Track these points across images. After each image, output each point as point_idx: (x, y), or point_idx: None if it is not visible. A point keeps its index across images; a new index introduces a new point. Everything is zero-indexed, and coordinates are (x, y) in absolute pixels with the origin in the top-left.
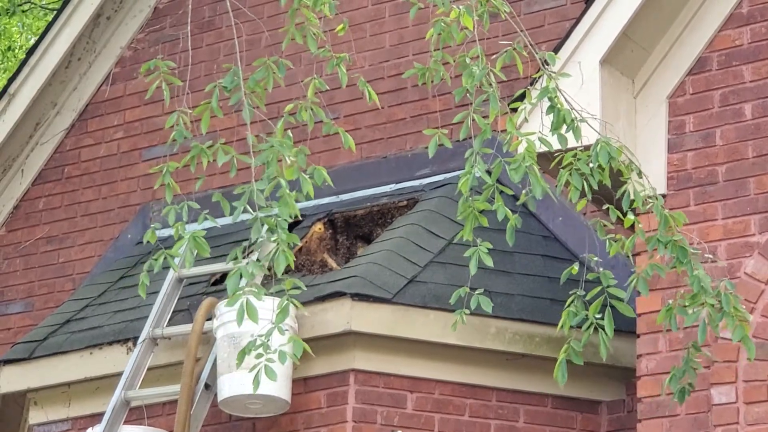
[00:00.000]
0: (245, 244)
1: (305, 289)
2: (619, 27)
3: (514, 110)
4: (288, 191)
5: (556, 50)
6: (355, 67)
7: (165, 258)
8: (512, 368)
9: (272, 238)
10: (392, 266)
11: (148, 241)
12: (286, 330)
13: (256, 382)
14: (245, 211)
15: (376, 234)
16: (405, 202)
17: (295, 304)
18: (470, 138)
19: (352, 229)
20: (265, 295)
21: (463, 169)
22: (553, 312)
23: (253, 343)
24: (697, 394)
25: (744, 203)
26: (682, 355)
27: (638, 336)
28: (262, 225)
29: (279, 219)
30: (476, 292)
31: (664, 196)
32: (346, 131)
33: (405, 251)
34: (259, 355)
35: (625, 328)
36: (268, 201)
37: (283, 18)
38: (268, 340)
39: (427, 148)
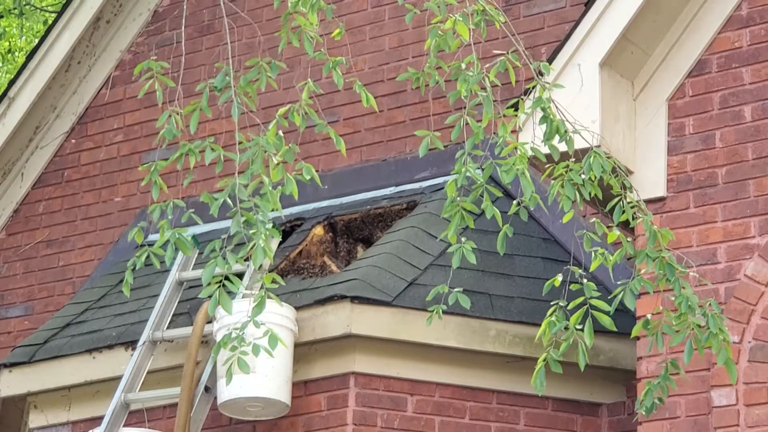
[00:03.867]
0: (224, 236)
1: (283, 283)
2: (619, 29)
3: (511, 114)
4: (271, 189)
5: (556, 53)
6: (354, 69)
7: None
8: (512, 371)
9: (251, 232)
10: (392, 269)
11: (148, 245)
12: (262, 324)
13: (229, 374)
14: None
15: (376, 237)
16: (405, 205)
17: (273, 298)
18: (463, 142)
19: (352, 232)
20: (237, 290)
21: None
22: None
23: (228, 336)
24: (698, 396)
25: (744, 205)
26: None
27: (638, 338)
28: (243, 220)
29: (259, 213)
30: (455, 289)
31: (663, 198)
32: (346, 134)
33: (405, 254)
34: (233, 348)
35: (626, 330)
36: (250, 197)
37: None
38: (242, 333)
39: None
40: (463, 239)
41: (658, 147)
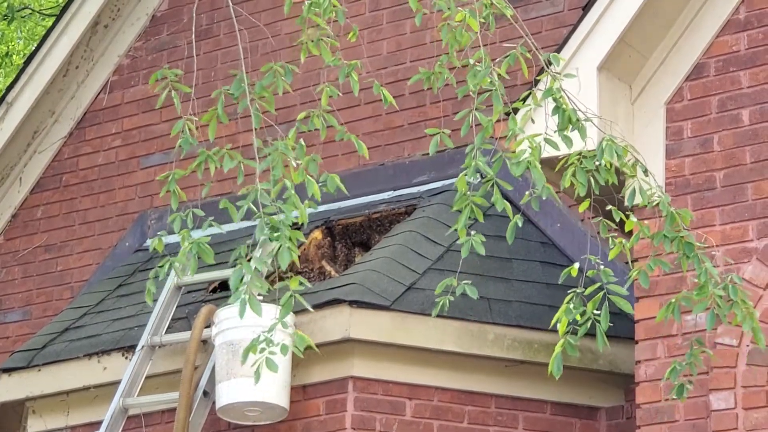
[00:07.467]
0: (249, 242)
1: (309, 285)
2: (617, 33)
3: (516, 110)
4: (294, 192)
5: None
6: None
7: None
8: (511, 375)
9: (275, 235)
10: (391, 273)
11: (146, 249)
12: (289, 326)
13: (257, 374)
14: (249, 213)
15: (375, 241)
16: (403, 209)
17: (300, 301)
18: (472, 142)
19: (351, 237)
20: (268, 291)
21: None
22: (552, 318)
23: (257, 340)
24: (696, 399)
25: (742, 209)
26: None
27: (637, 342)
28: (267, 224)
29: (283, 216)
30: (464, 282)
31: None
32: (343, 138)
33: (403, 258)
34: (261, 350)
35: (624, 334)
36: (273, 202)
37: (281, 26)
38: (270, 334)
39: (425, 154)
40: (472, 232)
41: (657, 151)
